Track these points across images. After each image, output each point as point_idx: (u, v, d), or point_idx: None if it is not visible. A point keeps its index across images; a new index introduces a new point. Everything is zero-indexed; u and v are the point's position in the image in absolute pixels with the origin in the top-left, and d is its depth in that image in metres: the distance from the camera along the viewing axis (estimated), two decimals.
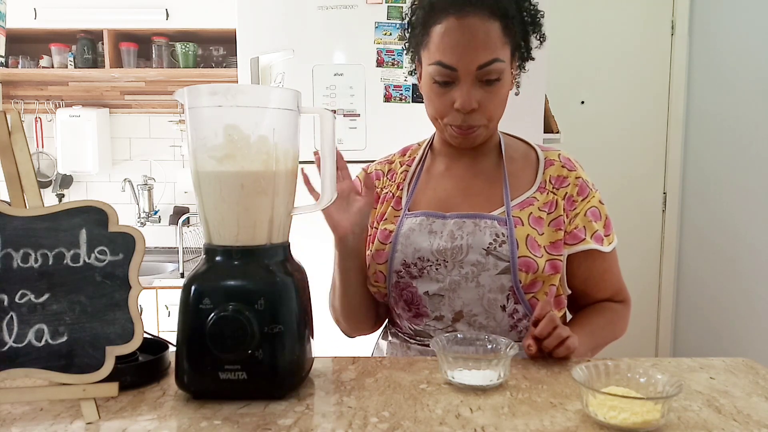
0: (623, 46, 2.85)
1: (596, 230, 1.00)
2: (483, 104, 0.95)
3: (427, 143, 1.13)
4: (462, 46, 0.91)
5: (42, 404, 0.72)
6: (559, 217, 0.99)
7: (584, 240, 0.99)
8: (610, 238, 1.02)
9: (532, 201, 0.99)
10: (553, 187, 1.01)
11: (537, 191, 1.00)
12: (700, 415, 0.68)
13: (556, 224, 0.98)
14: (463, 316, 0.97)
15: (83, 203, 0.70)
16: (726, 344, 2.56)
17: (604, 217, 1.03)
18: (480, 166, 1.05)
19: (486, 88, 0.94)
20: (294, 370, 0.75)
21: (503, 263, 0.94)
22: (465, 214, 0.99)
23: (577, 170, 1.03)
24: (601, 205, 1.03)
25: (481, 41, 0.91)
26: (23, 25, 2.58)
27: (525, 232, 0.96)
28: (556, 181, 1.01)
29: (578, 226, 1.00)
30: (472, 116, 0.95)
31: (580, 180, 1.02)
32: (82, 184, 2.96)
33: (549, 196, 1.00)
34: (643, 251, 2.92)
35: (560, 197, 1.00)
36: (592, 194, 1.02)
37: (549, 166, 1.03)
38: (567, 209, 1.00)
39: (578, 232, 0.99)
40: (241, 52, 1.96)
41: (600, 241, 1.00)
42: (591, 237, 0.99)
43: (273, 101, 0.77)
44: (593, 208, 1.01)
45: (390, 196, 1.08)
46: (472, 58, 0.91)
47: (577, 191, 1.01)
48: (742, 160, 2.46)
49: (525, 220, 0.97)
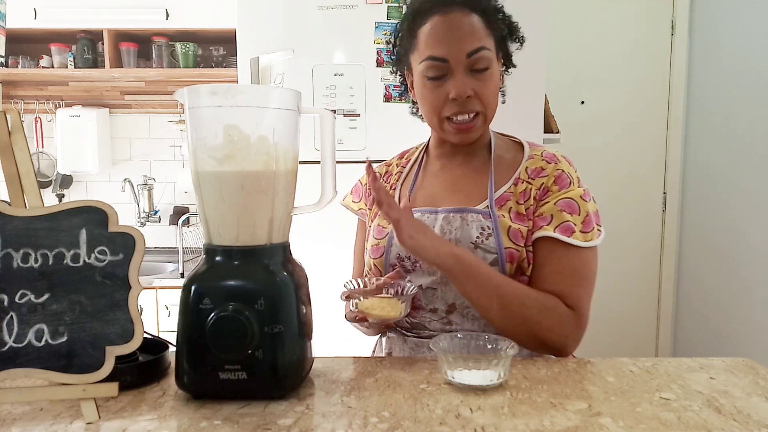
0: (623, 46, 2.85)
1: (566, 221, 0.94)
2: (477, 92, 0.98)
3: (423, 146, 1.16)
4: (450, 37, 0.96)
5: (42, 404, 0.72)
6: (530, 207, 0.98)
7: (542, 227, 0.95)
8: (588, 235, 0.95)
9: (508, 196, 1.00)
10: (528, 177, 1.00)
11: (512, 185, 1.00)
12: (700, 415, 0.69)
13: (528, 214, 0.98)
14: (456, 308, 0.98)
15: (83, 203, 0.70)
16: (726, 344, 2.56)
17: (584, 213, 0.96)
18: (470, 165, 1.07)
19: (477, 77, 0.97)
20: (294, 370, 0.75)
21: (491, 255, 0.95)
22: (452, 208, 1.01)
23: (560, 164, 1.00)
24: (582, 201, 0.97)
25: (467, 31, 0.96)
26: (23, 25, 2.58)
27: (507, 224, 0.96)
28: (532, 173, 1.00)
29: (543, 214, 0.96)
30: (470, 103, 0.98)
31: (560, 172, 0.99)
32: (82, 184, 2.96)
33: (522, 185, 1.00)
34: (643, 251, 2.92)
35: (535, 186, 0.99)
36: (573, 188, 0.98)
37: (528, 160, 1.03)
38: (538, 198, 0.98)
39: (540, 220, 0.96)
40: (241, 52, 1.96)
41: (568, 233, 0.94)
42: (556, 227, 0.95)
43: (273, 101, 0.77)
44: (569, 199, 0.96)
45: None
46: (460, 46, 0.96)
47: (553, 181, 0.98)
48: (742, 160, 2.46)
49: (507, 215, 0.98)
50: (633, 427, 0.65)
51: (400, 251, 1.01)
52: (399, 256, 1.01)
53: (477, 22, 0.97)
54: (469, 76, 0.97)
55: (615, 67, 2.85)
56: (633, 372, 0.83)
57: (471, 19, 0.97)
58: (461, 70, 0.96)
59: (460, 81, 0.96)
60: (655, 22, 2.84)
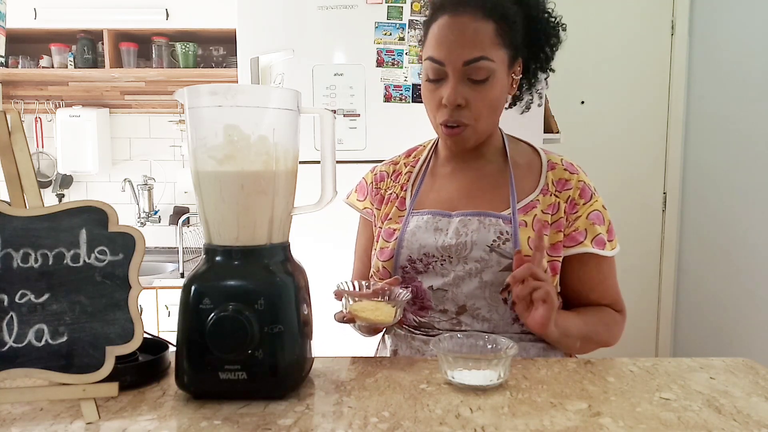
0: (623, 46, 2.85)
1: (599, 233, 1.00)
2: (470, 102, 0.96)
3: (432, 144, 1.15)
4: (450, 41, 0.94)
5: (42, 404, 0.72)
6: (560, 220, 0.99)
7: (582, 243, 0.99)
8: (612, 244, 1.02)
9: (535, 204, 1.00)
10: (555, 189, 1.01)
11: (540, 194, 1.01)
12: (700, 415, 0.69)
13: (556, 226, 0.99)
14: (466, 309, 0.98)
15: (83, 203, 0.70)
16: (726, 344, 2.56)
17: (607, 222, 1.02)
18: (485, 170, 1.06)
19: (474, 87, 0.95)
20: (294, 370, 0.75)
21: (506, 260, 0.95)
22: (470, 212, 1.00)
23: (579, 174, 1.03)
24: (604, 210, 1.02)
25: (469, 38, 0.93)
26: (23, 25, 2.58)
27: (527, 234, 0.97)
28: (558, 184, 1.02)
29: (578, 228, 1.00)
30: (459, 113, 0.96)
31: (582, 183, 1.02)
32: (82, 184, 2.96)
33: (551, 198, 1.01)
34: (643, 251, 2.92)
35: (562, 200, 1.00)
36: (594, 198, 1.02)
37: (551, 169, 1.03)
38: (568, 212, 1.00)
39: (577, 234, 0.99)
40: (241, 52, 1.96)
41: (602, 246, 1.00)
42: (592, 241, 0.99)
43: (273, 101, 0.77)
44: (596, 211, 1.01)
45: (394, 197, 1.10)
46: (458, 53, 0.93)
47: (579, 194, 1.01)
48: (742, 160, 2.46)
49: (530, 223, 0.98)
50: (633, 427, 0.65)
51: (410, 253, 1.00)
52: (410, 258, 1.00)
53: (486, 29, 0.93)
54: (465, 85, 0.95)
55: (615, 67, 2.85)
56: (633, 372, 0.83)
57: (480, 25, 0.93)
58: (457, 76, 0.94)
59: (453, 88, 0.94)
60: (655, 22, 2.84)
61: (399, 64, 1.95)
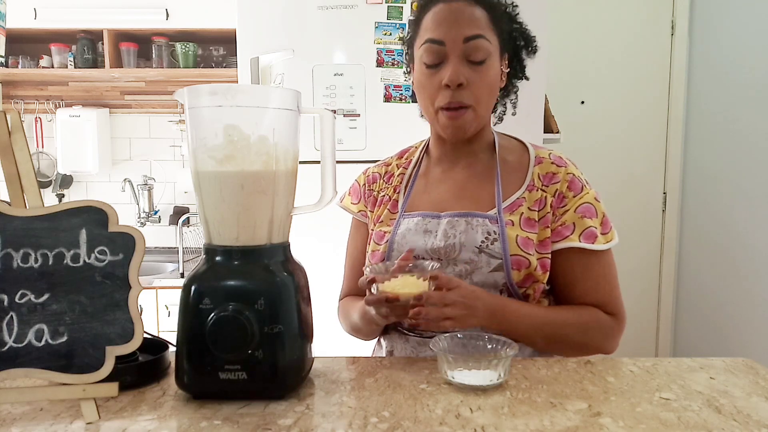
0: (623, 46, 2.85)
1: (588, 227, 0.97)
2: (471, 83, 0.97)
3: (423, 146, 1.15)
4: (449, 21, 0.97)
5: (42, 404, 0.72)
6: (546, 215, 0.98)
7: (568, 237, 0.97)
8: (608, 236, 0.98)
9: (521, 202, 0.99)
10: (542, 184, 1.00)
11: (525, 191, 1.00)
12: (700, 415, 0.69)
13: (543, 222, 0.98)
14: None
15: (83, 203, 0.70)
16: (726, 344, 2.56)
17: (601, 215, 0.99)
18: (475, 169, 1.06)
19: (473, 67, 0.97)
20: (294, 370, 0.75)
21: (495, 260, 0.95)
22: (457, 213, 1.00)
23: (568, 166, 1.02)
24: (596, 202, 1.00)
25: (467, 18, 0.97)
26: (23, 25, 2.58)
27: (515, 233, 0.96)
28: (545, 178, 1.01)
29: (565, 222, 0.98)
30: (461, 93, 0.97)
31: (571, 176, 1.00)
32: (82, 184, 2.96)
33: (538, 193, 0.99)
34: (643, 251, 2.92)
35: (549, 194, 0.99)
36: (585, 191, 1.00)
37: (538, 164, 1.02)
38: (555, 206, 0.99)
39: (563, 229, 0.98)
40: (241, 52, 1.96)
41: (592, 239, 0.97)
42: (580, 235, 0.97)
43: (273, 101, 0.77)
44: (586, 204, 0.99)
45: (387, 199, 1.10)
46: (458, 30, 0.96)
47: (567, 186, 0.99)
48: (742, 160, 2.46)
49: (516, 222, 0.97)
50: (633, 427, 0.65)
51: (401, 256, 1.00)
52: None
53: (480, 13, 0.98)
54: (465, 66, 0.97)
55: (615, 67, 2.85)
56: (633, 372, 0.83)
57: (474, 9, 0.98)
58: (457, 55, 0.96)
59: (454, 67, 0.96)
60: (655, 22, 2.84)
61: (399, 64, 1.95)
